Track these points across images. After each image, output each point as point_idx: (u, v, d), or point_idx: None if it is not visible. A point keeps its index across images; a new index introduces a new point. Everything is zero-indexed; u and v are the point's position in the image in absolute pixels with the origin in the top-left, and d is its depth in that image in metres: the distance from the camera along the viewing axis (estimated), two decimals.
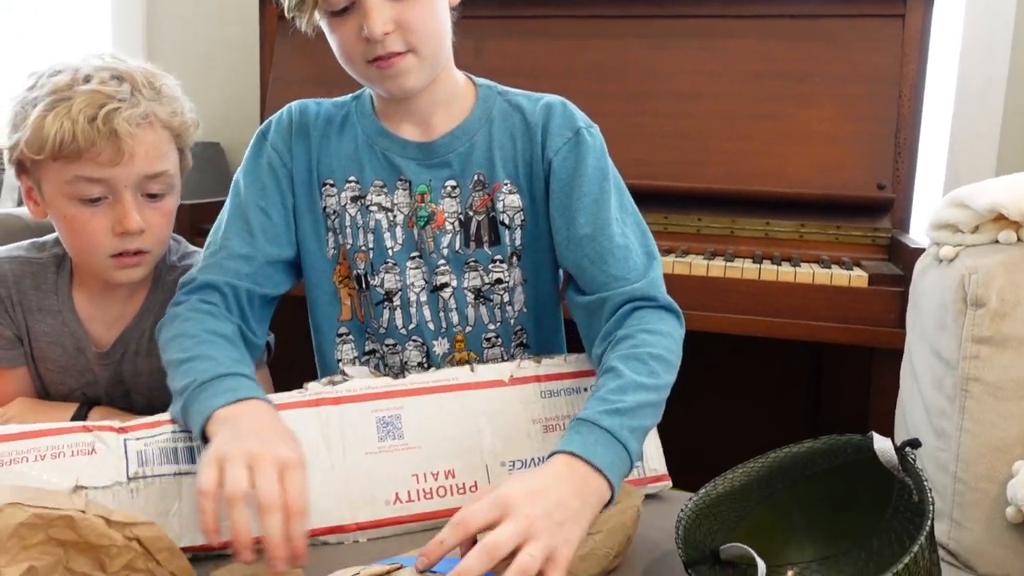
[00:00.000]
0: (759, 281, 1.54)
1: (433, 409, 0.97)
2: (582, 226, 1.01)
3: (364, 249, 1.08)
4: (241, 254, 1.05)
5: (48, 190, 1.01)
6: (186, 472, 0.88)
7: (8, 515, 0.64)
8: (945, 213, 1.07)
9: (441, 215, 1.07)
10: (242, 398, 0.86)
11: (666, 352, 0.94)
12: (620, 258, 1.00)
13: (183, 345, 0.95)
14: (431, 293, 1.09)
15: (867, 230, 1.69)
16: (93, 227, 1.01)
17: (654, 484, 1.04)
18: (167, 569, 0.74)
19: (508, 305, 1.10)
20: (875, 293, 1.49)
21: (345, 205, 1.08)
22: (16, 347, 1.12)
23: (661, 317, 0.98)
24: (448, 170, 1.07)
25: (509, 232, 1.07)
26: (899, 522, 0.74)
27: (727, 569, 0.78)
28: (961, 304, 0.99)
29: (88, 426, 0.89)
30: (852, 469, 0.84)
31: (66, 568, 0.68)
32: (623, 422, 0.85)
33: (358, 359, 1.13)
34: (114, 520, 0.70)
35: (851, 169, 1.69)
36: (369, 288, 1.09)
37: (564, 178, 1.03)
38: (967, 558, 0.97)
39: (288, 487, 0.77)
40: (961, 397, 0.98)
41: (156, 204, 1.04)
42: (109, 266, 1.04)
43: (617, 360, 0.92)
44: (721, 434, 1.84)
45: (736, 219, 1.74)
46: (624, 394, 0.88)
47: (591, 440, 0.82)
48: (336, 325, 1.13)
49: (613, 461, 0.82)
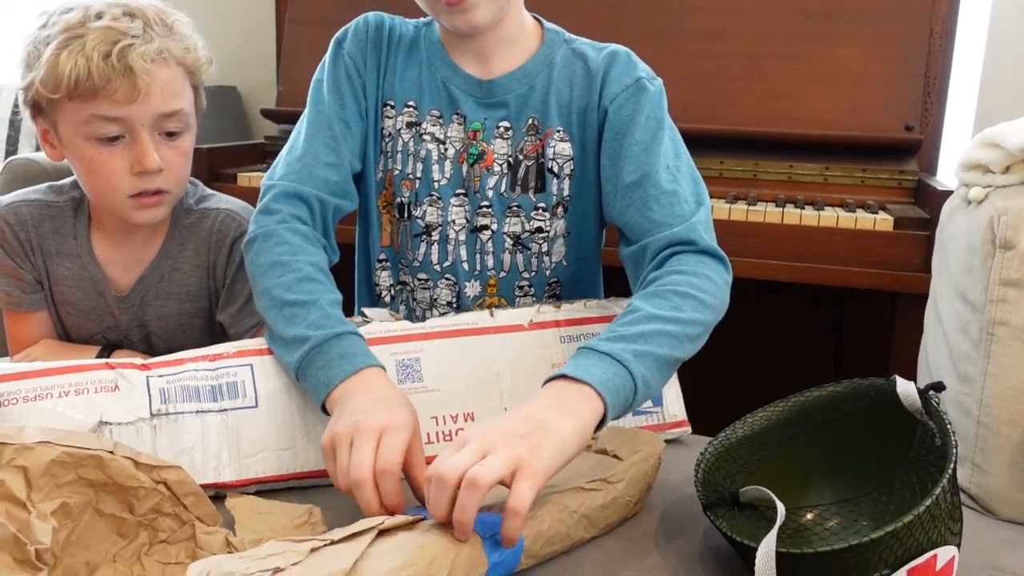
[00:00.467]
0: (782, 225, 1.52)
1: (452, 353, 0.97)
2: (629, 174, 0.99)
3: (411, 177, 1.08)
4: (327, 162, 1.03)
5: (65, 131, 1.01)
6: (207, 410, 0.89)
7: (40, 452, 0.65)
8: (975, 153, 1.04)
9: (491, 155, 1.06)
10: (357, 369, 0.85)
11: (695, 290, 0.89)
12: (665, 204, 0.97)
13: (286, 281, 0.93)
14: (471, 233, 1.09)
15: (893, 173, 1.66)
16: (111, 167, 1.00)
17: (673, 430, 1.04)
18: (194, 514, 0.74)
19: (545, 255, 1.10)
20: (900, 237, 1.47)
21: (400, 129, 1.08)
22: (37, 291, 1.13)
23: (700, 260, 0.94)
24: (504, 111, 1.06)
25: (557, 181, 1.06)
26: (921, 466, 0.73)
27: (746, 512, 0.78)
28: (989, 246, 0.97)
29: (111, 363, 0.90)
30: (873, 414, 0.83)
31: (95, 509, 0.69)
32: (627, 346, 0.81)
33: (393, 287, 1.14)
34: (141, 462, 0.71)
35: (878, 110, 1.65)
36: (410, 218, 1.09)
37: (617, 126, 1.02)
38: (988, 502, 0.97)
39: (379, 450, 0.75)
40: (987, 341, 0.96)
41: (173, 143, 1.04)
42: (128, 207, 1.04)
43: (638, 299, 0.90)
44: (741, 381, 1.84)
45: (759, 162, 1.71)
46: (634, 324, 0.84)
47: (586, 363, 0.79)
48: (378, 250, 1.14)
49: (608, 377, 0.78)
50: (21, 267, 1.11)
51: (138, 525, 0.72)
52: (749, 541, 0.70)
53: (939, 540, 0.67)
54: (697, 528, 0.84)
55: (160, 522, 0.73)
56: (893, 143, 1.65)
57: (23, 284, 1.12)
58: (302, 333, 0.88)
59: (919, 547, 0.65)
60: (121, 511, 0.71)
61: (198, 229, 1.13)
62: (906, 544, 0.65)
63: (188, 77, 1.05)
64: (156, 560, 0.72)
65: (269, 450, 0.89)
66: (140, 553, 0.72)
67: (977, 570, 0.80)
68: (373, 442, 0.76)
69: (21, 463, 0.63)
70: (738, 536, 0.72)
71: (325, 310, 0.90)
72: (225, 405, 0.90)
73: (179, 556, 0.73)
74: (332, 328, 0.88)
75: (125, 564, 0.70)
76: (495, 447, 0.68)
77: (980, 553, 0.83)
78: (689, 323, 0.87)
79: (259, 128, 2.38)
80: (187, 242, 1.13)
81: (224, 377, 0.91)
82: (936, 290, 1.12)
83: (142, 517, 0.72)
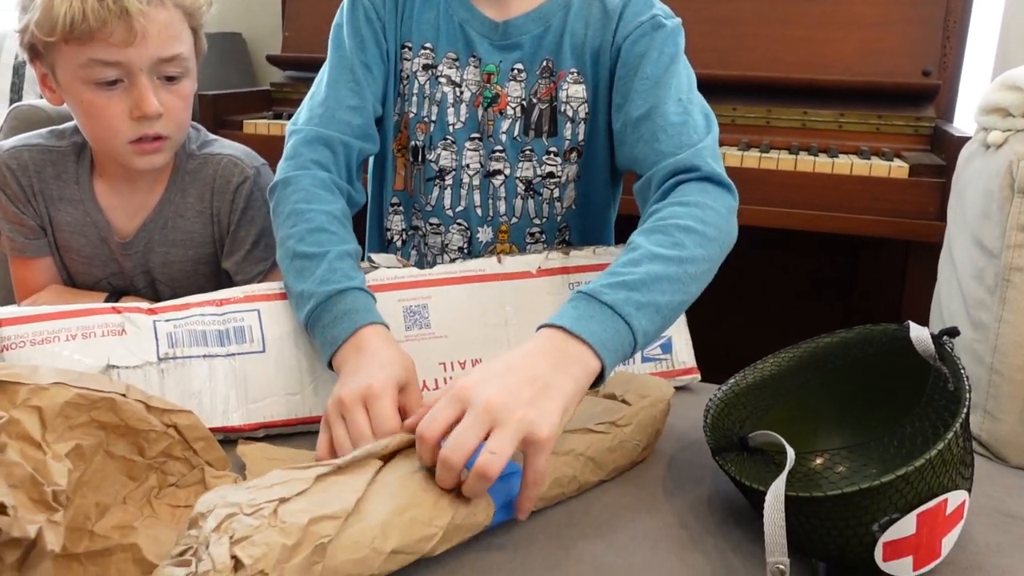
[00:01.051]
0: (795, 172, 1.50)
1: (460, 299, 0.97)
2: (638, 107, 0.97)
3: (426, 120, 1.07)
4: (350, 105, 1.02)
5: (63, 75, 1.00)
6: (214, 354, 0.89)
7: (54, 393, 0.65)
8: (995, 96, 1.02)
9: (505, 98, 1.05)
10: (358, 327, 0.84)
11: (697, 223, 0.84)
12: (673, 135, 0.93)
13: (298, 231, 0.92)
14: (484, 178, 1.07)
15: (910, 119, 1.63)
16: (110, 112, 0.99)
17: (682, 377, 1.04)
18: (203, 458, 0.75)
19: (557, 201, 1.08)
20: (915, 184, 1.45)
21: (416, 72, 1.06)
22: (40, 237, 1.13)
23: (703, 188, 0.89)
24: (518, 52, 1.04)
25: (571, 126, 1.05)
26: (933, 411, 0.72)
27: (755, 457, 0.77)
28: (1008, 191, 0.95)
29: (118, 308, 0.90)
30: (884, 360, 0.82)
31: (106, 451, 0.69)
32: (629, 296, 0.76)
33: (405, 231, 1.13)
34: (153, 406, 0.71)
35: (895, 55, 1.62)
36: (424, 162, 1.08)
37: (629, 62, 0.99)
38: (999, 449, 0.96)
39: (372, 418, 0.76)
40: (1002, 287, 0.95)
41: (173, 87, 1.02)
42: (128, 152, 1.03)
43: (638, 234, 0.85)
44: (752, 328, 1.83)
45: (772, 108, 1.69)
46: (636, 266, 0.79)
47: (587, 314, 0.74)
48: (391, 194, 1.13)
49: (609, 337, 0.74)
50: (24, 213, 1.11)
51: (148, 468, 0.72)
52: (758, 485, 0.70)
53: (950, 485, 0.66)
54: (706, 473, 0.84)
55: (170, 465, 0.73)
56: (910, 89, 1.62)
57: (26, 230, 1.12)
58: (309, 289, 0.88)
59: (930, 491, 0.65)
60: (131, 454, 0.71)
61: (201, 175, 1.12)
62: (917, 488, 0.64)
63: (186, 19, 1.03)
64: (166, 503, 0.72)
65: (277, 394, 0.89)
66: (150, 496, 0.72)
67: (986, 515, 0.80)
68: (363, 410, 0.76)
69: (36, 403, 0.63)
70: (747, 480, 0.72)
71: (332, 264, 0.89)
72: (232, 350, 0.89)
73: (188, 499, 0.73)
74: (336, 284, 0.87)
75: (135, 506, 0.70)
76: (501, 419, 0.65)
77: (989, 499, 0.83)
78: (692, 261, 0.82)
79: (265, 75, 2.35)
80: (190, 188, 1.12)
81: (231, 322, 0.90)
82: (951, 237, 1.11)
83: (152, 460, 0.72)
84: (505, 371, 0.69)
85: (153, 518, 0.71)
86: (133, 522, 0.69)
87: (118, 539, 0.67)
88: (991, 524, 0.78)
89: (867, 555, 0.67)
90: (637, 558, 0.70)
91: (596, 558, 0.70)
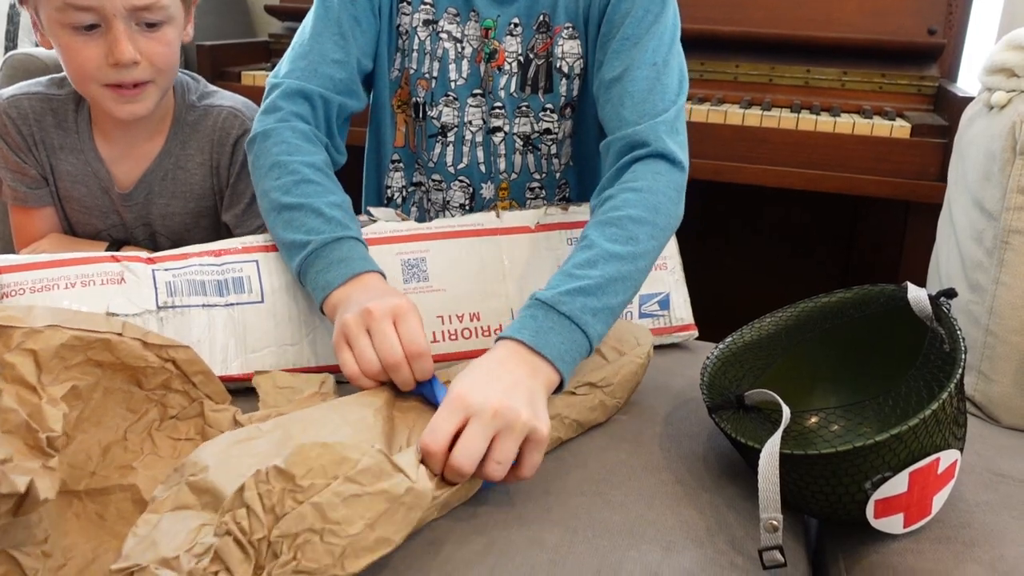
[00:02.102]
0: (797, 131, 1.49)
1: (458, 253, 0.97)
2: (612, 68, 0.95)
3: (427, 77, 1.06)
4: (335, 59, 0.99)
5: (44, 19, 0.99)
6: (213, 304, 0.89)
7: (49, 336, 0.64)
8: (1000, 56, 1.01)
9: (503, 54, 1.03)
10: (354, 274, 0.84)
11: (649, 213, 0.85)
12: (639, 101, 0.92)
13: (283, 183, 0.90)
14: (487, 135, 1.06)
15: (913, 78, 1.61)
16: (85, 55, 0.98)
17: (680, 333, 1.04)
18: (202, 391, 0.75)
19: (555, 157, 1.08)
20: (917, 144, 1.44)
21: (416, 27, 1.04)
22: (42, 186, 1.12)
23: (655, 169, 0.88)
24: (515, 6, 1.03)
25: (566, 82, 1.04)
26: (928, 371, 0.73)
27: (751, 415, 0.78)
28: (1010, 153, 0.94)
29: (117, 256, 0.90)
30: (881, 321, 0.82)
31: (105, 388, 0.69)
32: (586, 303, 0.77)
33: (406, 188, 1.12)
34: (150, 342, 0.71)
35: (900, 12, 1.60)
36: (425, 118, 1.07)
37: (614, 20, 0.97)
38: (992, 410, 0.97)
39: (403, 334, 0.76)
40: (1001, 249, 0.95)
41: (153, 34, 1.00)
42: (107, 98, 1.01)
43: (593, 227, 0.85)
44: (750, 287, 1.83)
45: (775, 66, 1.66)
46: (592, 268, 0.80)
47: (546, 326, 0.75)
48: (391, 151, 1.12)
49: (568, 349, 0.75)
50: (25, 162, 1.10)
51: (147, 400, 0.72)
52: (753, 443, 0.70)
53: (943, 444, 0.67)
54: (702, 431, 0.85)
55: (169, 398, 0.74)
56: (914, 47, 1.60)
57: (28, 179, 1.11)
58: (301, 238, 0.87)
59: (922, 450, 0.66)
60: (130, 386, 0.71)
61: (201, 126, 1.11)
62: (910, 447, 0.65)
63: None
64: (167, 436, 0.73)
65: (276, 344, 0.89)
66: (151, 429, 0.73)
67: (977, 474, 0.81)
68: (391, 325, 0.76)
69: (31, 346, 0.63)
70: (742, 438, 0.72)
71: (324, 214, 0.88)
72: (231, 300, 0.89)
73: (189, 432, 0.74)
74: (332, 232, 0.86)
75: (136, 440, 0.71)
76: (507, 422, 0.67)
77: (980, 458, 0.84)
78: (644, 255, 0.83)
79: (263, 25, 2.32)
80: (190, 139, 1.11)
81: (229, 272, 0.90)
82: (951, 198, 1.10)
83: (151, 392, 0.72)
84: (490, 378, 0.70)
85: (154, 455, 0.71)
86: (133, 461, 0.70)
87: (117, 479, 0.68)
88: (981, 483, 0.79)
89: (859, 512, 0.68)
90: (632, 514, 0.71)
91: (592, 514, 0.71)
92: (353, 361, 0.77)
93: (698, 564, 0.66)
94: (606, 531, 0.69)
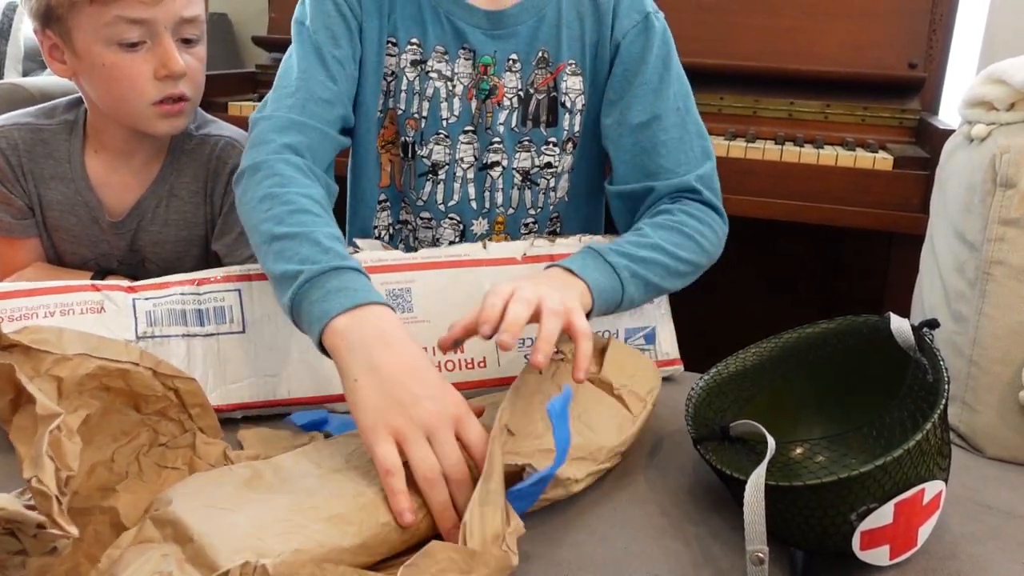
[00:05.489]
0: (781, 162, 1.50)
1: (444, 284, 0.96)
2: (638, 114, 1.00)
3: (416, 117, 1.06)
4: (324, 98, 0.97)
5: (82, 39, 0.98)
6: (194, 334, 0.89)
7: (76, 365, 0.65)
8: (980, 89, 1.02)
9: (502, 89, 1.04)
10: (358, 303, 0.75)
11: (698, 235, 0.95)
12: (673, 149, 0.99)
13: (276, 214, 0.83)
14: (479, 171, 1.07)
15: (895, 111, 1.63)
16: (135, 72, 0.99)
17: (666, 368, 1.04)
18: (197, 424, 0.75)
19: (552, 191, 1.09)
20: (899, 176, 1.45)
21: (404, 68, 1.04)
22: (28, 217, 1.11)
23: (706, 211, 0.99)
24: (514, 42, 1.03)
25: (569, 116, 1.05)
26: (912, 402, 0.73)
27: (736, 446, 0.78)
28: (990, 185, 0.95)
29: (97, 285, 0.89)
30: (865, 351, 0.83)
31: (105, 410, 0.69)
32: (628, 264, 0.88)
33: (392, 226, 1.12)
34: (159, 371, 0.71)
35: (882, 46, 1.62)
36: (415, 158, 1.07)
37: (628, 62, 1.01)
38: (976, 441, 0.97)
39: (469, 445, 0.69)
40: (983, 280, 0.96)
41: (191, 50, 1.03)
42: (152, 116, 1.02)
43: (646, 224, 0.95)
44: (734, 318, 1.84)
45: (759, 98, 1.69)
46: (640, 247, 0.91)
47: (591, 264, 0.86)
48: (376, 191, 1.11)
49: (605, 287, 0.85)
50: (12, 193, 1.10)
51: (141, 424, 0.72)
52: (738, 474, 0.70)
53: (927, 475, 0.67)
54: (687, 462, 0.85)
55: (163, 425, 0.73)
56: (896, 81, 1.62)
57: (13, 210, 1.10)
58: (294, 268, 0.78)
59: (907, 481, 0.66)
60: (127, 409, 0.71)
61: (197, 155, 1.12)
62: (895, 478, 0.65)
63: None
64: (153, 462, 0.72)
65: (256, 376, 0.89)
66: (139, 453, 0.72)
67: (962, 504, 0.80)
68: (453, 437, 0.69)
69: (58, 373, 0.64)
70: (727, 469, 0.72)
71: (321, 244, 0.80)
72: (211, 329, 0.89)
73: (176, 462, 0.73)
74: (330, 262, 0.78)
75: (122, 463, 0.70)
76: (544, 300, 0.76)
77: (966, 488, 0.84)
78: (684, 262, 0.93)
79: (251, 56, 2.33)
80: (186, 168, 1.12)
81: (211, 302, 0.90)
82: (933, 229, 1.11)
83: (146, 416, 0.72)
84: (530, 280, 0.81)
85: (138, 479, 0.70)
86: (116, 484, 0.69)
87: (98, 500, 0.67)
88: (967, 514, 0.79)
89: (845, 544, 0.67)
90: (618, 546, 0.71)
91: (577, 546, 0.70)
92: (396, 458, 0.67)
93: None
94: (591, 564, 0.68)
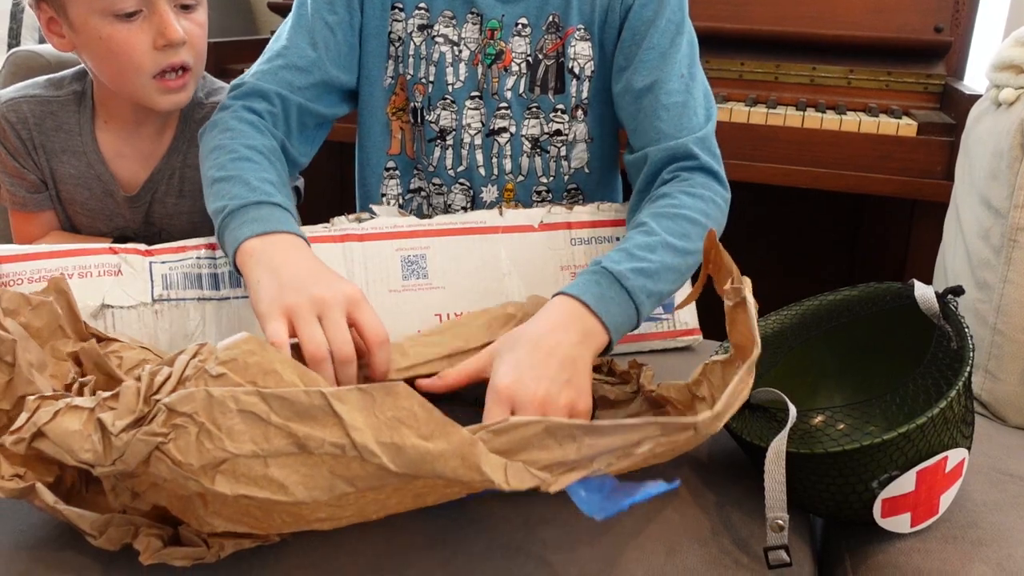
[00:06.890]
0: (802, 129, 1.48)
1: (459, 251, 0.96)
2: (642, 78, 0.97)
3: (424, 82, 1.05)
4: (299, 66, 1.00)
5: (77, 12, 0.96)
6: (208, 298, 0.89)
7: None
8: (1009, 52, 1.00)
9: (509, 54, 1.03)
10: (272, 230, 0.81)
11: (702, 216, 0.90)
12: (675, 114, 0.96)
13: (219, 161, 0.90)
14: (487, 137, 1.06)
15: (920, 76, 1.60)
16: (133, 43, 0.97)
17: (684, 337, 1.03)
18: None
19: (564, 160, 1.07)
20: (923, 143, 1.43)
21: (411, 33, 1.04)
22: (41, 191, 1.11)
23: (705, 181, 0.94)
24: (523, 5, 1.02)
25: (577, 82, 1.03)
26: (936, 369, 0.72)
27: (756, 414, 0.77)
28: (1018, 151, 0.93)
29: (115, 248, 0.90)
30: (887, 319, 0.82)
31: None
32: (645, 284, 0.81)
33: (402, 195, 1.11)
34: None
35: (907, 10, 1.59)
36: (424, 124, 1.06)
37: (637, 26, 0.99)
38: (999, 409, 0.96)
39: (365, 324, 0.73)
40: (1008, 247, 0.94)
41: (190, 15, 1.00)
42: (153, 90, 1.00)
43: (650, 216, 0.89)
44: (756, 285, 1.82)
45: (781, 64, 1.65)
46: (652, 252, 0.84)
47: (608, 295, 0.79)
48: (384, 159, 1.11)
49: (622, 322, 0.79)
50: (24, 167, 1.09)
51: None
52: (759, 442, 0.70)
53: (950, 443, 0.66)
54: None
55: None
56: (921, 45, 1.59)
57: (27, 184, 1.10)
58: (222, 204, 0.84)
59: (930, 449, 0.65)
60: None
61: None
62: (917, 446, 0.64)
63: None
64: None
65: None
66: None
67: (984, 473, 0.80)
68: (344, 318, 0.72)
69: None
70: (748, 437, 0.72)
71: (250, 183, 0.85)
72: (227, 293, 0.89)
73: None
74: (253, 197, 0.84)
75: None
76: (550, 407, 0.69)
77: (987, 457, 0.83)
78: (695, 253, 0.87)
79: (266, 23, 2.32)
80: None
81: (226, 266, 0.90)
82: (958, 196, 1.10)
83: None
84: (535, 352, 0.71)
85: None
86: None
87: None
88: (989, 482, 0.78)
89: (866, 511, 0.67)
90: (636, 513, 0.70)
91: None
92: (285, 334, 0.71)
93: (703, 563, 0.65)
94: (609, 531, 0.68)
